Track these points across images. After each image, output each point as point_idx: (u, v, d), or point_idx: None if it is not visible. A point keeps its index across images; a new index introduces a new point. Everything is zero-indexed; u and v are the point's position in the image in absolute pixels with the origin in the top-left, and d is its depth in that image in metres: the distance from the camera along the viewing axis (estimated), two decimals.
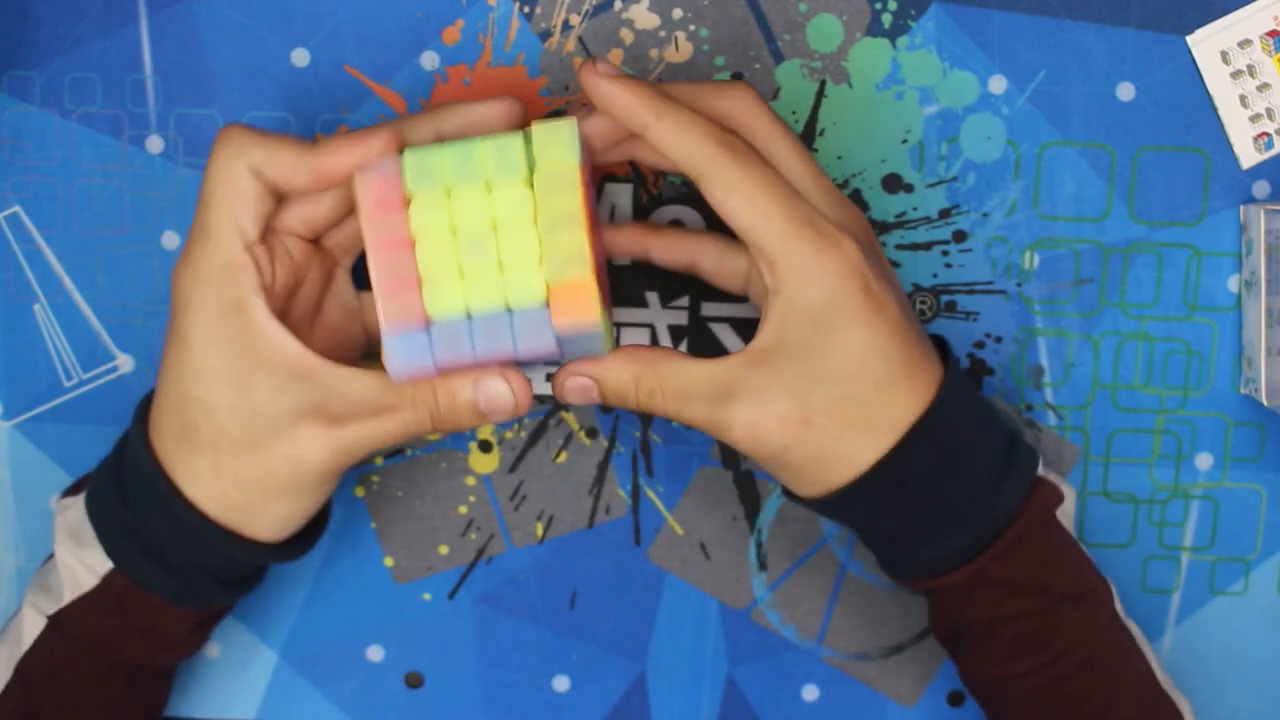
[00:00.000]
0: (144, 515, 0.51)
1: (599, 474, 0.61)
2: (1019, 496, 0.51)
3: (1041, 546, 0.52)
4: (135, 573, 0.51)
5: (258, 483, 0.50)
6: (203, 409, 0.49)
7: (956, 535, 0.51)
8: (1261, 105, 0.58)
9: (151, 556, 0.51)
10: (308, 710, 0.63)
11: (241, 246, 0.49)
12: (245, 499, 0.50)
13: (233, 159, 0.48)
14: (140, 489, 0.51)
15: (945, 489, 0.50)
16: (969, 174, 0.59)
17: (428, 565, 0.62)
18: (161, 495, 0.50)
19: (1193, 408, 0.60)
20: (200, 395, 0.49)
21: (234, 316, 0.49)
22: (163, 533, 0.51)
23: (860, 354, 0.48)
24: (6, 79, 0.59)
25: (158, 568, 0.51)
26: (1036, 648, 0.51)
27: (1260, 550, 0.61)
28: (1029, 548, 0.51)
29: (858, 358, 0.48)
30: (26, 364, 0.60)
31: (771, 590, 0.61)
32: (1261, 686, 0.62)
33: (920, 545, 0.51)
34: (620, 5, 0.58)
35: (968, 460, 0.50)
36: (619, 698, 0.62)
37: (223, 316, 0.49)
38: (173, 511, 0.50)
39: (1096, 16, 0.58)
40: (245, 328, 0.49)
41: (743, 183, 0.48)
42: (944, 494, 0.50)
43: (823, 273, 0.48)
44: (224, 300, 0.49)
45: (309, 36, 0.58)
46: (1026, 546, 0.51)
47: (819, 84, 0.58)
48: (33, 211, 0.59)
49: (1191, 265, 0.59)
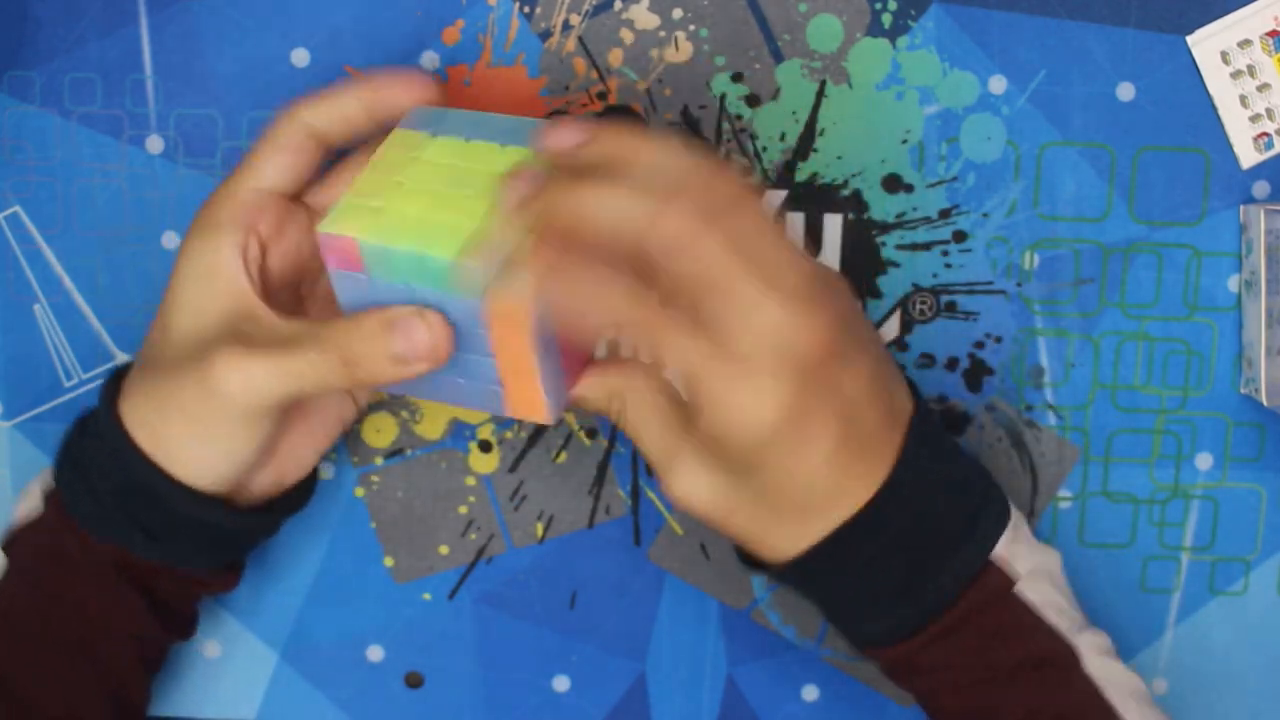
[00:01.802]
0: (85, 429, 0.52)
1: (599, 474, 0.61)
2: (958, 585, 0.49)
3: (985, 627, 0.50)
4: (60, 482, 0.52)
5: (172, 404, 0.50)
6: (161, 330, 0.51)
7: (894, 612, 0.50)
8: (1261, 105, 0.58)
9: (79, 475, 0.52)
10: (308, 710, 0.63)
11: (253, 186, 0.51)
12: (164, 427, 0.50)
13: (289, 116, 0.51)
14: (93, 409, 0.53)
15: (879, 575, 0.49)
16: (969, 174, 0.59)
17: (428, 565, 0.62)
18: (101, 411, 0.51)
19: (1193, 408, 0.60)
20: (164, 315, 0.51)
21: (211, 235, 0.50)
22: (90, 450, 0.52)
23: (790, 481, 0.46)
24: (6, 79, 0.59)
25: (83, 487, 0.52)
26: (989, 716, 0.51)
27: (1260, 550, 0.61)
28: (969, 630, 0.50)
29: (788, 484, 0.46)
30: (26, 364, 0.60)
31: (771, 590, 0.61)
32: (1261, 686, 0.62)
33: (859, 621, 0.51)
34: (620, 5, 0.58)
35: (913, 542, 0.49)
36: (619, 698, 0.62)
37: (201, 237, 0.50)
38: (102, 426, 0.51)
39: (1096, 16, 0.58)
40: (215, 260, 0.50)
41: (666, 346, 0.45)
42: (878, 579, 0.49)
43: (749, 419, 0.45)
44: (207, 221, 0.50)
45: (309, 36, 0.58)
46: (966, 629, 0.50)
47: (819, 84, 0.58)
48: (33, 211, 0.59)
49: (1191, 265, 0.59)
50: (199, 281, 0.50)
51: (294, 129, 0.51)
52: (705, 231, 0.43)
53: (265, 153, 0.51)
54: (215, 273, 0.50)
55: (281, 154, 0.51)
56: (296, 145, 0.51)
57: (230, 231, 0.50)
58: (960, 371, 0.60)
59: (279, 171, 0.51)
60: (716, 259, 0.43)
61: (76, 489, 0.52)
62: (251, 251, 0.50)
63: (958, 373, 0.60)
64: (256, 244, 0.51)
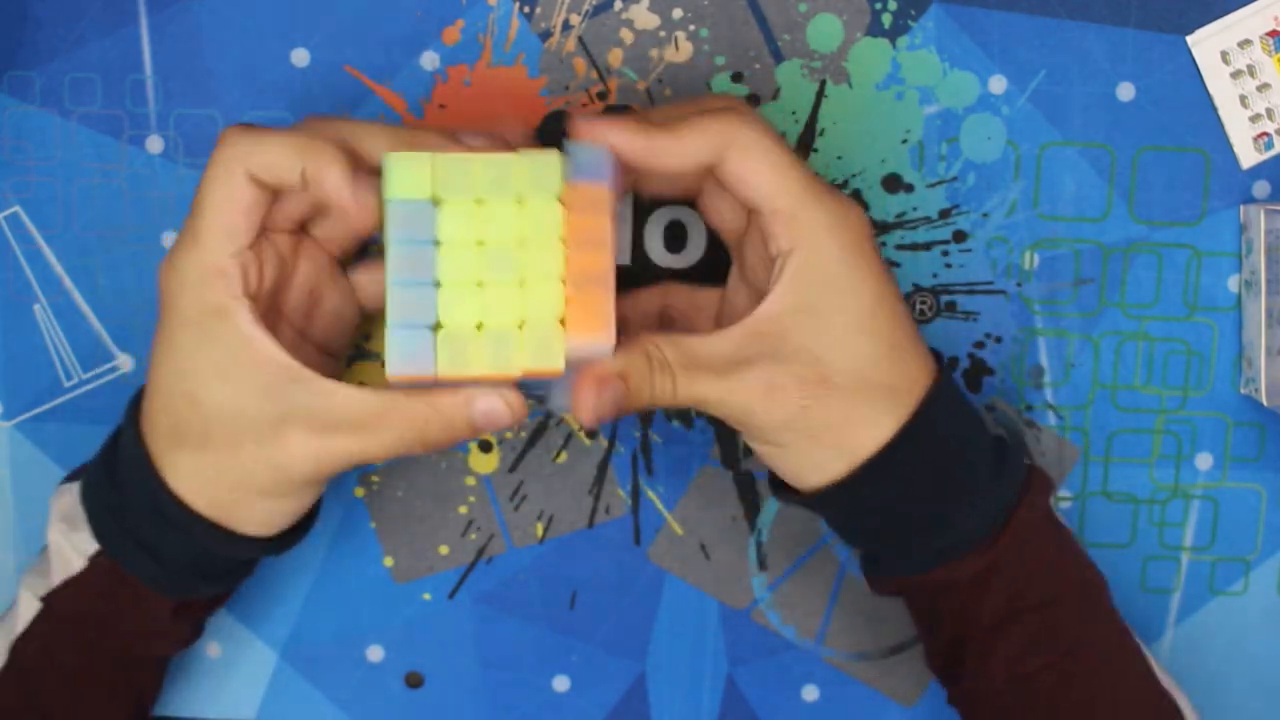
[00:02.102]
0: (131, 503, 0.51)
1: (599, 474, 0.61)
2: (1016, 484, 0.51)
3: (1051, 531, 0.52)
4: (119, 556, 0.52)
5: (241, 484, 0.50)
6: (190, 405, 0.49)
7: (973, 515, 0.50)
8: (1261, 105, 0.58)
9: (135, 541, 0.51)
10: (308, 710, 0.63)
11: (229, 254, 0.48)
12: (230, 498, 0.50)
13: (232, 165, 0.48)
14: (130, 478, 0.51)
15: (963, 461, 0.50)
16: (969, 174, 0.59)
17: (428, 565, 0.62)
18: (149, 487, 0.50)
19: (1193, 408, 0.60)
20: (188, 391, 0.49)
21: (217, 321, 0.48)
22: (148, 521, 0.51)
23: (874, 310, 0.49)
24: (6, 79, 0.59)
25: (141, 553, 0.51)
26: (1050, 642, 0.51)
27: (1260, 550, 0.61)
28: (1041, 532, 0.51)
29: (871, 313, 0.49)
30: (26, 364, 0.60)
31: (771, 590, 0.61)
32: (1261, 686, 0.62)
33: (938, 529, 0.50)
34: (620, 5, 0.58)
35: (978, 437, 0.50)
36: (619, 698, 0.62)
37: (205, 320, 0.48)
38: (158, 503, 0.50)
39: (1096, 16, 0.58)
40: (228, 333, 0.48)
41: (757, 147, 0.48)
42: (962, 468, 0.50)
43: (840, 228, 0.48)
44: (206, 305, 0.48)
45: (309, 36, 0.58)
46: (1038, 530, 0.51)
47: (819, 84, 0.58)
48: (33, 211, 0.59)
49: (1191, 265, 0.59)
50: (222, 357, 0.49)
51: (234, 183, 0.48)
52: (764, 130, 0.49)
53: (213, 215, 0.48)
54: (240, 351, 0.48)
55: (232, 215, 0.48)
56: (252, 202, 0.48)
57: (233, 302, 0.48)
58: (960, 371, 0.60)
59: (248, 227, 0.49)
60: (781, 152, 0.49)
61: (138, 555, 0.52)
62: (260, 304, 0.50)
63: (958, 373, 0.60)
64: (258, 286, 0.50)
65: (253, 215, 0.48)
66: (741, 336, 0.49)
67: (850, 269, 0.49)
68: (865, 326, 0.49)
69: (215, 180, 0.48)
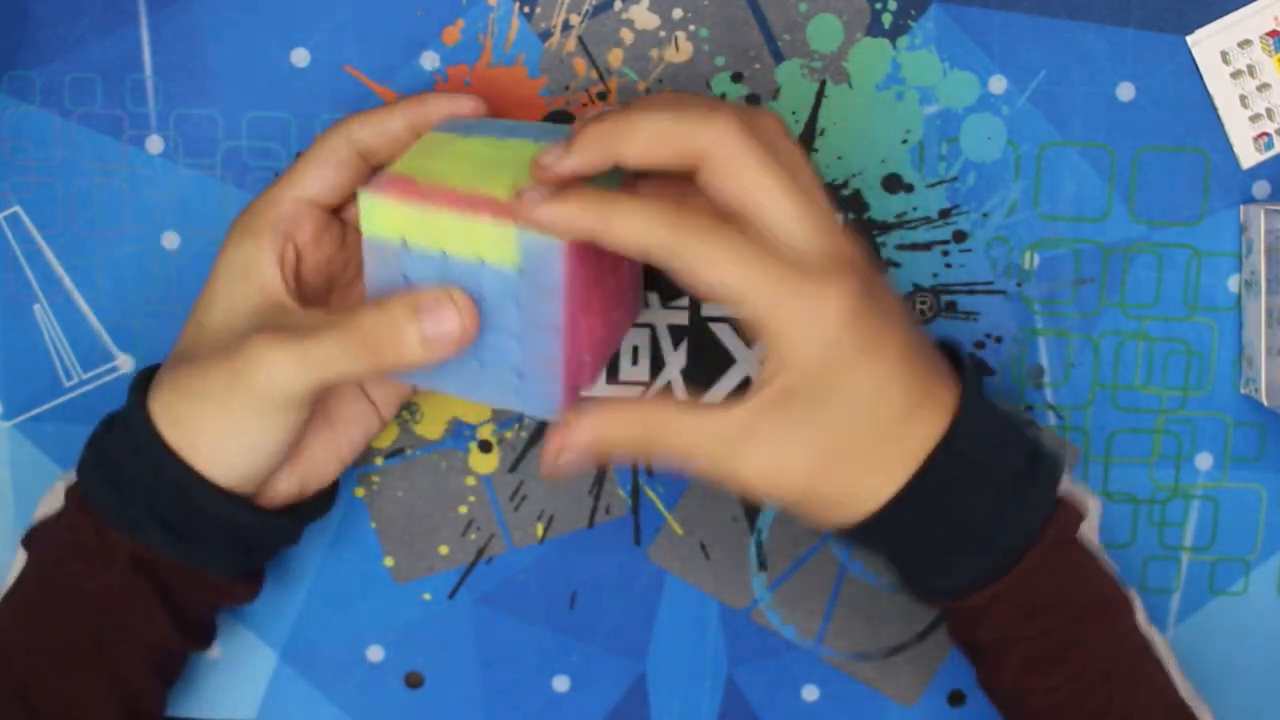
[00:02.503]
0: (114, 434, 0.53)
1: (599, 474, 0.61)
2: (1039, 519, 0.50)
3: (1060, 566, 0.51)
4: (86, 486, 0.52)
5: (200, 393, 0.50)
6: (192, 328, 0.52)
7: (974, 560, 0.50)
8: (1261, 105, 0.58)
9: (104, 472, 0.52)
10: (308, 710, 0.63)
11: (302, 195, 0.52)
12: (188, 412, 0.50)
13: (342, 130, 0.53)
14: (120, 411, 0.53)
15: (964, 514, 0.49)
16: (969, 174, 0.59)
17: (428, 565, 0.62)
18: (129, 405, 0.52)
19: (1193, 408, 0.60)
20: (196, 319, 0.52)
21: (248, 242, 0.52)
22: (119, 447, 0.52)
23: (868, 396, 0.47)
24: (6, 79, 0.59)
25: (106, 483, 0.52)
26: (1051, 665, 0.51)
27: (1260, 550, 0.61)
28: (1047, 569, 0.50)
29: (866, 400, 0.47)
30: (26, 364, 0.60)
31: (771, 590, 0.61)
32: (1261, 686, 0.62)
33: (938, 571, 0.51)
34: (620, 5, 0.58)
35: (987, 483, 0.49)
36: (619, 698, 0.62)
37: (240, 241, 0.52)
38: (131, 421, 0.51)
39: (1096, 16, 0.58)
40: (252, 261, 0.52)
41: (709, 259, 0.45)
42: (963, 519, 0.49)
43: (813, 325, 0.46)
44: (250, 227, 0.52)
45: (309, 36, 0.58)
46: (1045, 568, 0.50)
47: (819, 84, 0.58)
48: (33, 211, 0.59)
49: (1191, 265, 0.59)
50: (234, 280, 0.52)
51: (340, 143, 0.53)
52: (747, 144, 0.46)
53: (310, 164, 0.53)
54: (251, 272, 0.52)
55: (325, 167, 0.53)
56: (341, 160, 0.53)
57: (269, 236, 0.52)
58: None
59: (321, 184, 0.53)
60: (761, 169, 0.46)
61: (100, 482, 0.52)
62: (288, 257, 0.52)
63: None
64: (293, 250, 0.53)
65: (341, 174, 0.53)
66: (739, 419, 0.47)
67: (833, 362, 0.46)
68: (859, 413, 0.47)
69: (325, 139, 0.53)
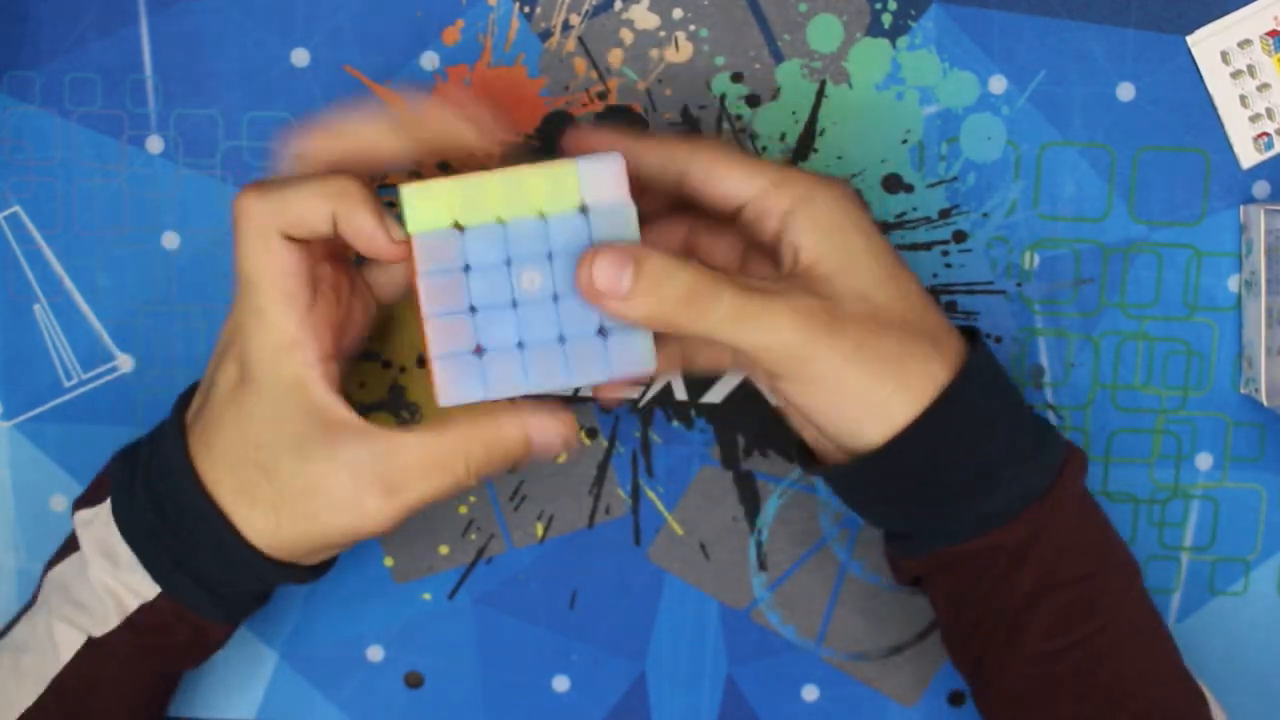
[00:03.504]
0: (196, 550, 0.51)
1: (599, 474, 0.61)
2: (1058, 457, 0.50)
3: (1089, 507, 0.51)
4: (188, 600, 0.52)
5: (320, 542, 0.50)
6: (263, 473, 0.49)
7: (1021, 478, 0.49)
8: (1261, 105, 0.58)
9: (195, 580, 0.51)
10: (308, 710, 0.63)
11: (297, 323, 0.48)
12: (306, 553, 0.51)
13: (265, 232, 0.47)
14: (194, 528, 0.50)
15: (1016, 419, 0.50)
16: (969, 174, 0.59)
17: (428, 565, 0.62)
18: (224, 542, 0.50)
19: (1193, 408, 0.60)
20: (262, 462, 0.49)
21: (294, 393, 0.49)
22: (216, 566, 0.51)
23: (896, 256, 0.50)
24: (6, 79, 0.59)
25: (203, 590, 0.52)
26: (1079, 619, 0.50)
27: (1260, 550, 0.61)
28: (1080, 506, 0.50)
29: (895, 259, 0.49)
30: (26, 364, 0.60)
31: (771, 590, 0.61)
32: (1261, 686, 0.62)
33: (984, 492, 0.49)
34: (620, 5, 0.58)
35: (1003, 419, 0.49)
36: (619, 698, 0.62)
37: (282, 393, 0.49)
38: (233, 555, 0.50)
39: (1096, 16, 0.58)
40: (304, 402, 0.49)
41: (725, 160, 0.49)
42: (1013, 425, 0.49)
43: (831, 192, 0.49)
44: (282, 378, 0.49)
45: (309, 36, 0.58)
46: (1079, 504, 0.50)
47: (819, 84, 0.58)
48: (33, 211, 0.59)
49: (1191, 265, 0.59)
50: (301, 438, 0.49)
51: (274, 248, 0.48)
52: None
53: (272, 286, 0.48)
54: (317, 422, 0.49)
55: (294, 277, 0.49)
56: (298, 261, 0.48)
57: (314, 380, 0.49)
58: None
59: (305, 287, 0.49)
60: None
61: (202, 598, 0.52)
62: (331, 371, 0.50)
63: None
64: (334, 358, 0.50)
65: (304, 274, 0.48)
66: (789, 286, 0.48)
67: (857, 218, 0.49)
68: (896, 272, 0.49)
69: (254, 252, 0.48)
